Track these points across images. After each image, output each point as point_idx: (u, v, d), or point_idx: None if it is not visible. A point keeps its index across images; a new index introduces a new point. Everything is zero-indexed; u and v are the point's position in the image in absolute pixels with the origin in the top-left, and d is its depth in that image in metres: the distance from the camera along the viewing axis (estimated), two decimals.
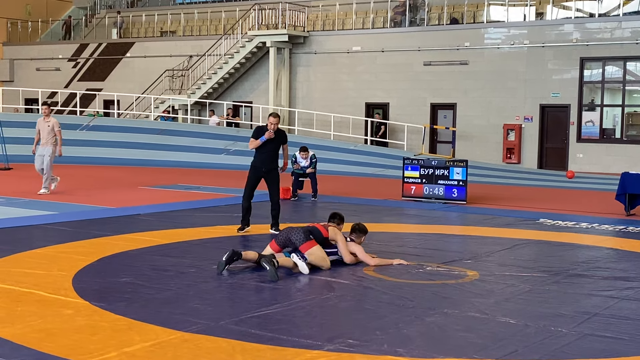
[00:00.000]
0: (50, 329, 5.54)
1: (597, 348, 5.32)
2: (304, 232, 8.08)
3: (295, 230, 8.12)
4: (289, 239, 8.05)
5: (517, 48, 24.27)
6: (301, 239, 7.98)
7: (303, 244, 7.93)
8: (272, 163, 10.51)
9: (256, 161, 10.52)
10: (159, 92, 30.42)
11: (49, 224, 10.74)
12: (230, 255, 7.72)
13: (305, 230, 8.13)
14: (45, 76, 34.06)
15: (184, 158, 24.16)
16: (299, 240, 7.97)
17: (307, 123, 27.32)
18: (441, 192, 14.91)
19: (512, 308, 6.46)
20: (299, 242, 7.97)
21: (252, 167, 10.55)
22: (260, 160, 10.47)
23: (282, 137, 10.56)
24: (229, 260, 7.71)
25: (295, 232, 8.06)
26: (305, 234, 8.04)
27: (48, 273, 7.43)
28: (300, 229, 8.16)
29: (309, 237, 8.01)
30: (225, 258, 7.70)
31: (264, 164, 10.45)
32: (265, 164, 10.45)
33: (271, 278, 7.33)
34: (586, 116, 23.58)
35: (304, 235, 8.02)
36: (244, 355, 4.99)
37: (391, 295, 6.85)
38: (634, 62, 23.06)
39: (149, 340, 5.30)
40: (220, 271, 7.67)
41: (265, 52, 28.27)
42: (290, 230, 8.15)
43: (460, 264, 8.38)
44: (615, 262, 8.87)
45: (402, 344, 5.30)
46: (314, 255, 7.92)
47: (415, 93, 25.98)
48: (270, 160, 10.48)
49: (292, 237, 8.03)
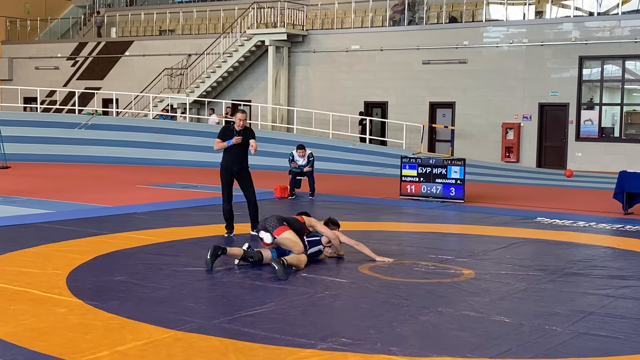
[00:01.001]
0: (43, 327, 5.52)
1: (591, 347, 5.30)
2: (277, 219, 8.15)
3: (270, 218, 8.20)
4: (264, 227, 8.11)
5: (516, 47, 24.25)
6: (274, 224, 8.05)
7: (276, 229, 8.00)
8: (243, 162, 10.12)
9: (226, 162, 10.07)
10: (158, 90, 30.41)
11: (45, 223, 10.72)
12: (213, 251, 7.75)
13: (279, 217, 8.21)
14: (44, 75, 34.05)
15: (183, 157, 24.14)
16: (272, 226, 8.04)
17: (305, 122, 27.30)
18: (439, 191, 14.89)
19: (507, 307, 6.44)
20: (272, 228, 8.04)
21: (223, 167, 10.08)
22: (229, 160, 10.04)
23: (249, 135, 10.04)
24: (214, 256, 7.75)
25: (270, 220, 8.14)
26: (278, 220, 8.11)
27: (42, 272, 7.41)
28: (274, 216, 8.23)
29: (282, 223, 8.08)
30: (210, 255, 7.73)
31: (234, 164, 10.03)
32: (235, 163, 10.03)
33: (280, 277, 7.35)
34: (585, 115, 23.56)
35: (277, 221, 8.09)
36: (237, 354, 4.97)
37: (386, 294, 6.82)
38: (633, 61, 23.04)
39: (141, 339, 5.28)
40: (209, 268, 7.69)
41: (264, 50, 28.25)
42: (266, 219, 8.24)
43: (457, 263, 8.36)
44: (612, 260, 8.84)
45: (395, 343, 5.28)
46: (285, 239, 7.99)
47: (414, 92, 25.96)
48: (240, 159, 10.07)
49: (267, 225, 8.10)
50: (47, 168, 21.15)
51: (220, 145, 10.04)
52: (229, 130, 10.10)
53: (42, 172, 19.63)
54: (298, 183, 15.53)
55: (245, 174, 10.19)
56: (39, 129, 25.35)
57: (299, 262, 7.90)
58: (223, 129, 10.25)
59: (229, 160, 10.08)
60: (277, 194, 15.06)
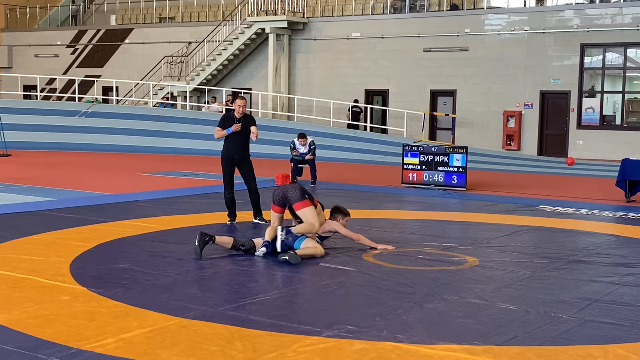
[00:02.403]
0: (48, 315, 5.50)
1: (597, 334, 5.29)
2: (300, 190, 7.96)
3: (292, 187, 8.00)
4: (285, 195, 7.95)
5: (518, 34, 24.16)
6: (297, 196, 7.87)
7: (298, 202, 7.85)
8: (244, 150, 10.08)
9: (227, 150, 10.03)
10: (158, 78, 30.32)
11: (47, 210, 10.69)
12: (200, 238, 7.62)
13: (302, 188, 8.02)
14: (44, 62, 33.95)
15: (183, 145, 24.10)
16: (295, 197, 7.87)
17: (306, 110, 27.24)
18: (441, 179, 14.86)
19: (512, 294, 6.42)
20: (294, 199, 7.87)
21: (224, 156, 10.04)
22: (230, 148, 9.99)
23: (250, 122, 10.01)
24: (202, 242, 7.61)
25: (292, 189, 7.94)
26: (301, 191, 7.94)
27: (46, 259, 7.39)
28: (297, 186, 8.05)
29: (304, 196, 7.91)
30: (197, 242, 7.61)
31: (235, 152, 9.99)
32: (237, 151, 9.99)
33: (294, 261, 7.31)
34: (586, 103, 23.51)
35: (300, 193, 7.91)
36: (243, 342, 4.95)
37: (390, 281, 6.81)
38: (634, 49, 22.97)
39: (147, 326, 5.26)
40: (198, 256, 7.58)
41: (264, 38, 28.16)
42: (287, 187, 8.04)
43: (460, 251, 8.35)
44: (615, 248, 8.83)
45: (401, 330, 5.26)
46: (305, 216, 7.80)
47: (415, 79, 25.88)
48: (241, 148, 10.03)
49: (288, 194, 7.93)
50: (48, 156, 21.12)
51: (221, 133, 9.99)
52: (229, 118, 10.04)
53: (42, 160, 19.60)
54: (300, 171, 15.50)
55: (247, 162, 10.15)
56: (39, 117, 25.30)
57: (314, 254, 7.72)
58: (223, 116, 10.19)
59: (230, 149, 10.04)
60: (278, 181, 15.01)
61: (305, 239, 7.78)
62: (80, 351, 4.70)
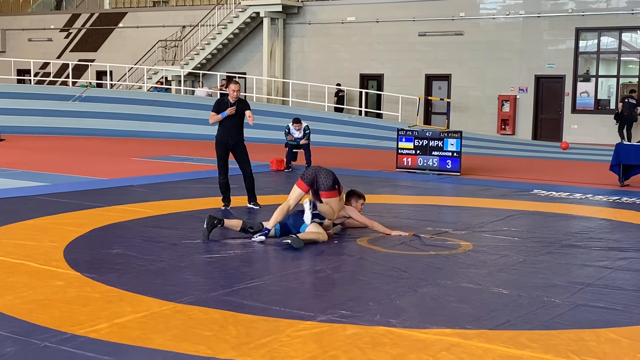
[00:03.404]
0: (41, 300, 5.50)
1: (590, 318, 5.31)
2: (333, 178, 7.96)
3: (326, 173, 7.98)
4: (316, 178, 7.94)
5: (513, 18, 24.11)
6: (328, 184, 7.88)
7: (327, 191, 7.87)
8: (238, 135, 10.05)
9: (221, 135, 10.02)
10: (152, 63, 30.21)
11: (41, 195, 10.67)
12: (209, 220, 7.71)
13: (334, 177, 8.02)
14: (37, 47, 33.78)
15: (177, 129, 24.04)
16: (326, 185, 7.88)
17: (301, 94, 27.18)
18: (435, 164, 14.87)
19: (505, 279, 6.44)
20: (325, 186, 7.87)
21: (218, 141, 10.04)
22: (224, 133, 9.98)
23: (244, 106, 9.98)
24: (211, 225, 7.71)
25: (325, 175, 7.93)
26: (333, 181, 7.95)
27: (39, 244, 7.39)
28: (331, 173, 8.01)
29: (334, 187, 7.94)
30: (206, 224, 7.71)
31: (230, 137, 9.96)
32: (231, 136, 9.97)
33: (296, 245, 7.36)
34: (581, 87, 23.51)
35: (332, 182, 7.92)
36: (237, 327, 4.96)
37: (384, 266, 6.82)
38: (629, 33, 22.96)
39: (140, 311, 5.26)
40: (206, 237, 7.69)
41: (258, 22, 28.05)
42: (321, 170, 8.02)
43: (454, 235, 8.36)
44: (608, 232, 8.86)
45: (395, 315, 5.28)
46: (327, 205, 7.84)
47: (410, 64, 25.84)
48: (235, 132, 10.00)
49: (320, 179, 7.92)
50: (42, 140, 21.06)
51: (216, 118, 9.97)
52: (223, 103, 10.02)
53: (36, 145, 19.55)
54: (294, 156, 15.49)
55: (241, 147, 10.13)
56: (32, 102, 25.20)
57: (317, 239, 7.72)
58: (217, 101, 10.16)
59: (225, 134, 10.02)
60: (273, 166, 15.02)
61: (311, 224, 7.80)
62: (74, 336, 4.70)
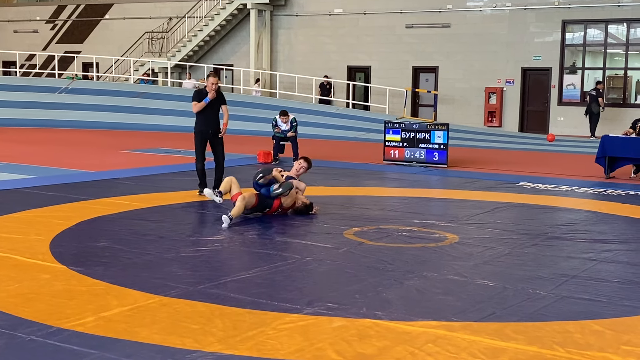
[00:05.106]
0: (27, 293, 5.49)
1: (575, 310, 5.35)
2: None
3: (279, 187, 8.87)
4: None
5: (499, 11, 24.15)
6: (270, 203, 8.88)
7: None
8: (216, 125, 10.47)
9: (200, 125, 10.38)
10: (139, 54, 30.07)
11: (27, 188, 10.62)
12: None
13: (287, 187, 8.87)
14: (23, 38, 33.55)
15: (164, 121, 23.95)
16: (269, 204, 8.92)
17: (288, 87, 27.15)
18: (422, 156, 14.91)
19: (490, 271, 6.48)
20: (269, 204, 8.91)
21: (198, 132, 10.41)
22: (204, 123, 10.36)
23: (221, 98, 10.47)
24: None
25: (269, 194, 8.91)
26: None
27: (25, 237, 7.36)
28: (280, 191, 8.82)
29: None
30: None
31: (209, 127, 10.37)
32: (210, 126, 10.37)
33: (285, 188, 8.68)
34: (567, 79, 23.60)
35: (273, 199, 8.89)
36: (223, 320, 4.97)
37: (371, 258, 6.85)
38: (615, 25, 23.04)
39: (127, 304, 5.26)
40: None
41: (246, 14, 27.96)
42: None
43: (440, 227, 8.40)
44: (594, 224, 8.91)
45: (381, 307, 5.30)
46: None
47: (397, 56, 25.84)
48: (214, 122, 10.42)
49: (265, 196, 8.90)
50: (27, 133, 20.94)
51: (199, 105, 10.32)
52: (202, 93, 10.39)
53: (22, 137, 19.43)
54: (281, 148, 15.47)
55: (219, 139, 10.50)
56: (18, 94, 25.04)
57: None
58: (196, 92, 10.56)
59: (204, 123, 10.39)
60: (260, 159, 15.00)
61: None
62: (60, 330, 4.70)
